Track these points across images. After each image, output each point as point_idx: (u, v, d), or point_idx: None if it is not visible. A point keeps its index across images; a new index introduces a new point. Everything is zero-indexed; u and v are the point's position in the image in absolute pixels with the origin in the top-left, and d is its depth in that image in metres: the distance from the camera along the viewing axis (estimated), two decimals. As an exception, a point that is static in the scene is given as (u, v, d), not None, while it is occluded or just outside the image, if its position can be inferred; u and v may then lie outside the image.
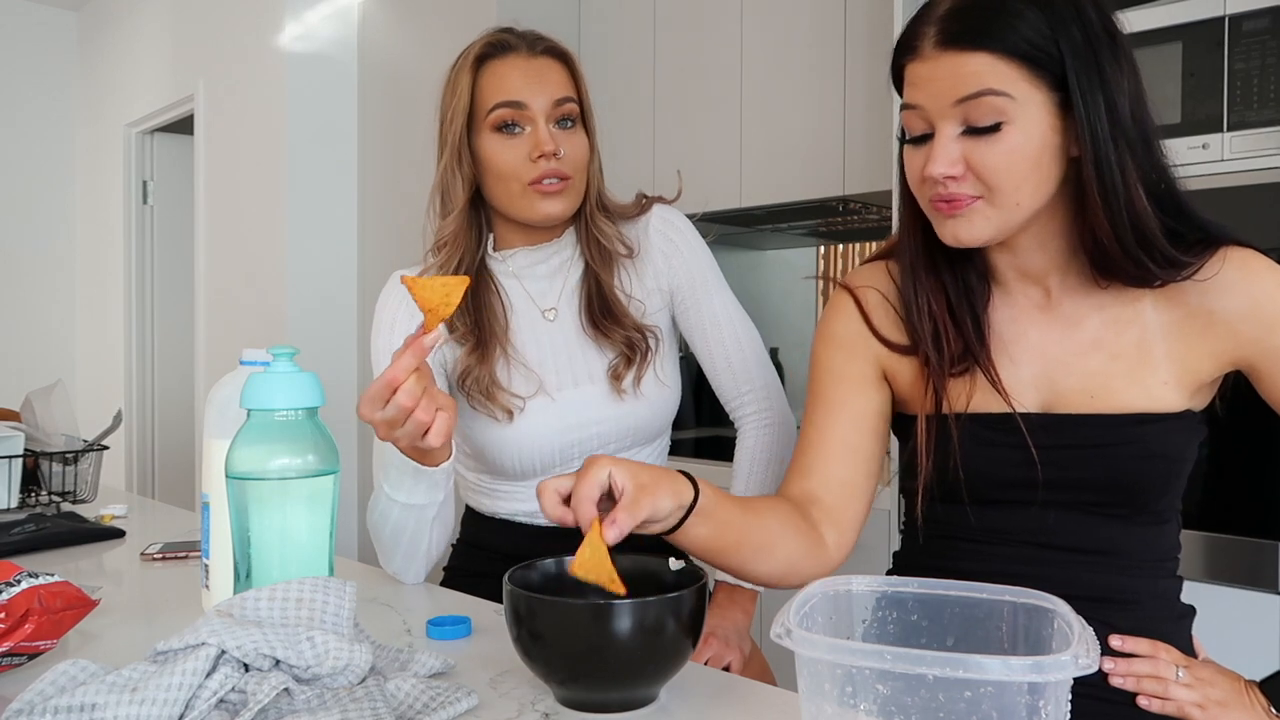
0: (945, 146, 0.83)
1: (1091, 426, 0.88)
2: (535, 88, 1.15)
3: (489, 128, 1.16)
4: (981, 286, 0.94)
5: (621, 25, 2.75)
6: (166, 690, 0.64)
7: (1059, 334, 0.91)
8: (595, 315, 1.22)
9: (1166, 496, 0.90)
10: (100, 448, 1.68)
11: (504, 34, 1.19)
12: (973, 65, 0.81)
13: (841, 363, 0.99)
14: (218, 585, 0.97)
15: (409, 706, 0.71)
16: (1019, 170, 0.82)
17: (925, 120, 0.85)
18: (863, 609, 0.72)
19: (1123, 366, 0.88)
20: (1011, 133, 0.81)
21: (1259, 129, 1.46)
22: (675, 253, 1.27)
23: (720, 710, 0.75)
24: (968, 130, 0.82)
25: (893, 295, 0.98)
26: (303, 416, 0.84)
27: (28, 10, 4.55)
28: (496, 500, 1.25)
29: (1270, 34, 1.46)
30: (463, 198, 1.18)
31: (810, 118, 2.32)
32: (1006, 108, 0.81)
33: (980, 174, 0.83)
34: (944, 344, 0.92)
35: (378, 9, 3.22)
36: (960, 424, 0.91)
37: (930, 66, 0.83)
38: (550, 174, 1.14)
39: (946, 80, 0.82)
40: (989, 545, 0.92)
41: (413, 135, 3.07)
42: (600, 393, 1.21)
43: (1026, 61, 0.80)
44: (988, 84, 0.80)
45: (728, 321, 1.26)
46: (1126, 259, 0.84)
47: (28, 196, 4.55)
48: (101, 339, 4.52)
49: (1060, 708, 0.56)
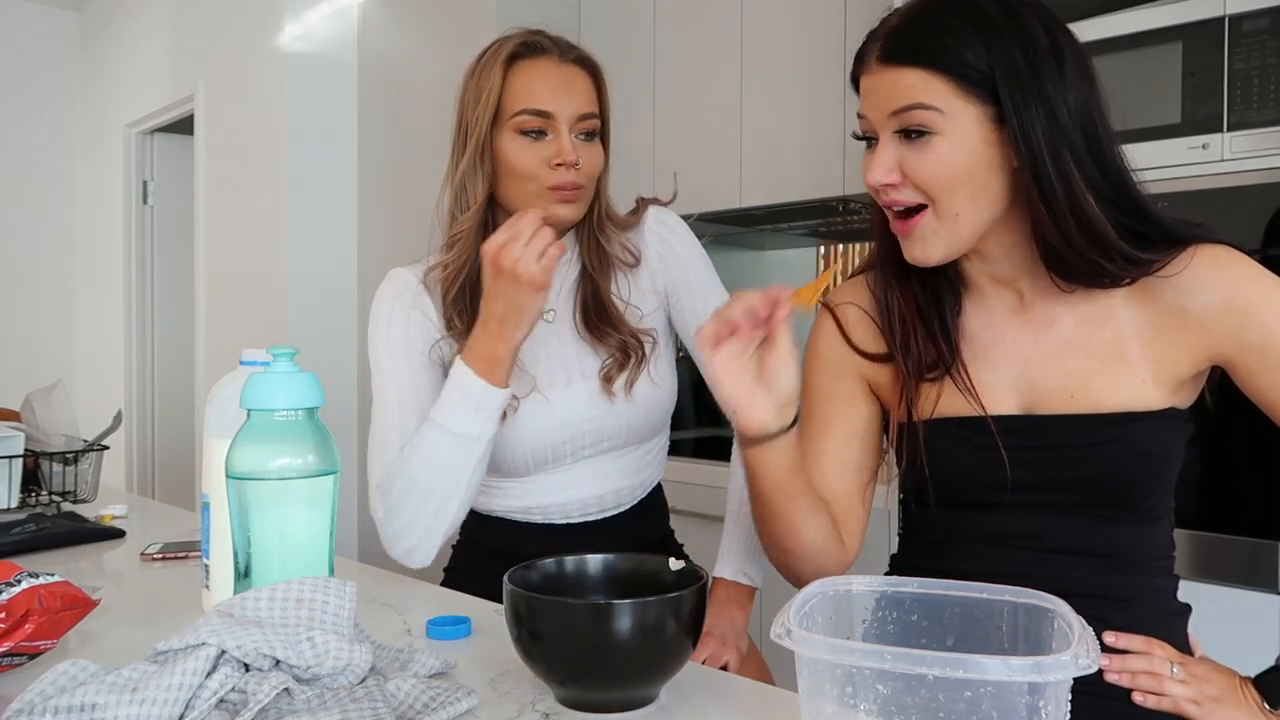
0: (881, 154, 0.89)
1: (1075, 427, 0.89)
2: (563, 97, 1.15)
3: (512, 129, 1.15)
4: (951, 293, 0.97)
5: (621, 25, 2.75)
6: (166, 690, 0.64)
7: (1033, 335, 0.93)
8: (591, 320, 1.22)
9: (1155, 495, 0.90)
10: (100, 448, 1.68)
11: (537, 35, 1.19)
12: (906, 80, 0.86)
13: (830, 381, 1.03)
14: (218, 585, 0.97)
15: (409, 706, 0.71)
16: (951, 179, 0.86)
17: (871, 129, 0.90)
18: (863, 609, 0.72)
19: (1099, 365, 0.89)
20: (939, 143, 0.86)
21: (1259, 129, 1.46)
22: (669, 253, 1.28)
23: (720, 710, 0.75)
24: (902, 139, 0.87)
25: (871, 308, 1.01)
26: (303, 416, 0.84)
27: (28, 10, 4.55)
28: (492, 498, 1.26)
29: (1270, 34, 1.46)
30: (481, 194, 1.17)
31: (810, 118, 2.32)
32: (934, 120, 0.85)
33: (915, 181, 0.87)
34: (915, 349, 0.95)
35: (378, 9, 3.22)
36: (930, 429, 0.93)
37: (874, 80, 0.88)
38: (568, 184, 1.15)
39: (885, 93, 0.87)
40: (981, 546, 0.93)
41: (413, 135, 3.07)
42: (592, 390, 1.22)
43: (957, 78, 0.84)
44: (918, 98, 0.85)
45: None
46: (1080, 260, 0.86)
47: (28, 196, 4.55)
48: (101, 339, 4.52)
49: (1060, 708, 0.56)
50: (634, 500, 1.28)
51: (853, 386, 1.02)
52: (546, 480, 1.23)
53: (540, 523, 1.24)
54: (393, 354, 1.18)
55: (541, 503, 1.24)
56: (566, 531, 1.24)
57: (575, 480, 1.23)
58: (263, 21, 3.35)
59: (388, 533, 1.13)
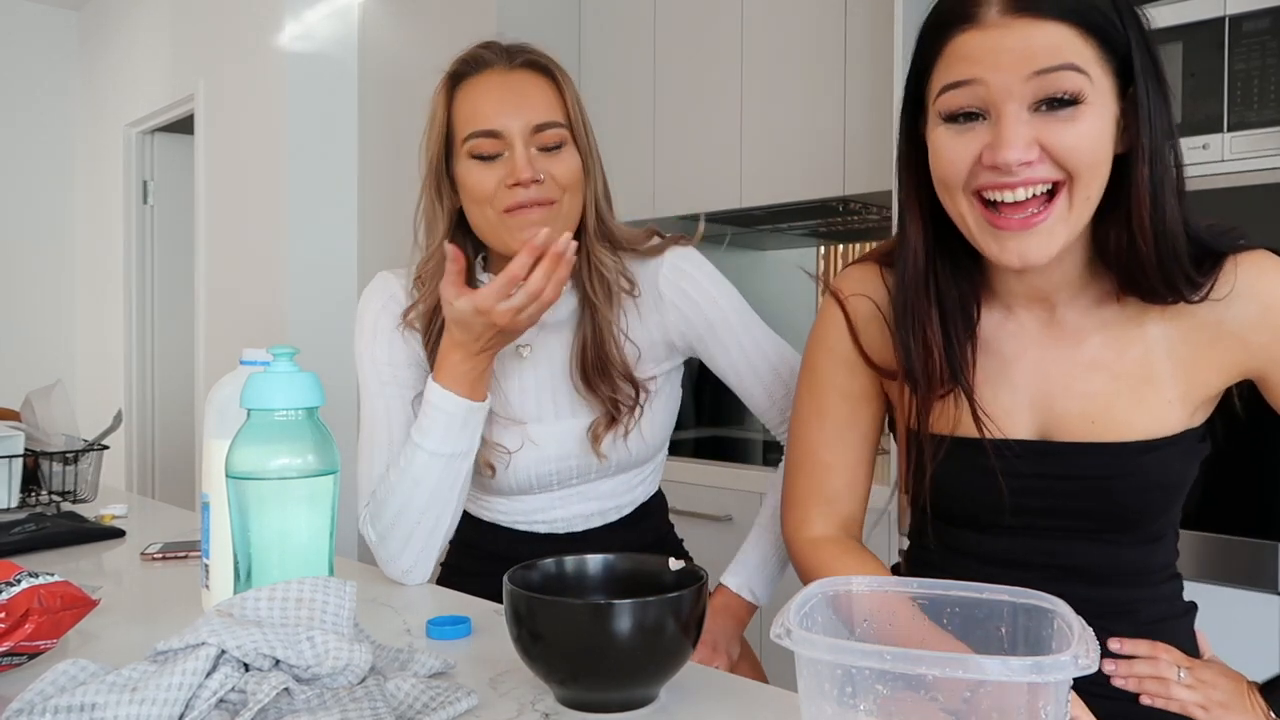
0: (1015, 127, 0.74)
1: (1092, 456, 0.85)
2: (510, 111, 1.06)
3: (466, 154, 1.08)
4: (970, 310, 0.89)
5: (621, 26, 2.75)
6: (166, 690, 0.64)
7: (1059, 354, 0.87)
8: (586, 368, 1.14)
9: (1164, 518, 0.88)
10: (100, 447, 1.68)
11: (481, 49, 1.11)
12: (1050, 36, 0.73)
13: (845, 379, 0.97)
14: (218, 585, 0.97)
15: (409, 706, 0.71)
16: (1094, 157, 0.75)
17: (982, 98, 0.75)
18: (863, 609, 0.72)
19: (1125, 386, 0.85)
20: (1088, 114, 0.74)
21: (1259, 129, 1.46)
22: (692, 307, 1.18)
23: (720, 710, 0.75)
24: (1039, 108, 0.74)
25: (884, 304, 0.93)
26: (302, 416, 0.84)
27: (28, 10, 4.55)
28: (483, 510, 1.26)
29: (1270, 34, 1.46)
30: (443, 229, 1.12)
31: (810, 118, 2.32)
32: (1085, 88, 0.73)
33: (1057, 157, 0.75)
34: (932, 368, 0.87)
35: (378, 9, 3.22)
36: (938, 446, 0.89)
37: (996, 35, 0.74)
38: (527, 202, 1.06)
39: (1017, 51, 0.73)
40: (977, 564, 0.91)
41: (413, 135, 3.05)
42: (582, 428, 1.17)
43: (1101, 40, 0.74)
44: (1067, 58, 0.72)
45: (757, 352, 1.19)
46: (1158, 267, 0.79)
47: (28, 196, 4.55)
48: (101, 339, 4.52)
49: (1060, 708, 0.55)
50: (622, 514, 1.26)
51: (867, 386, 0.97)
52: (537, 500, 1.21)
53: (533, 532, 1.23)
54: (378, 369, 1.15)
55: (534, 517, 1.23)
56: (560, 539, 1.23)
57: (564, 501, 1.22)
58: (263, 21, 3.34)
59: (384, 554, 1.11)
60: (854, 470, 0.98)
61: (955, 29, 0.76)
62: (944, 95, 0.77)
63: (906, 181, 0.87)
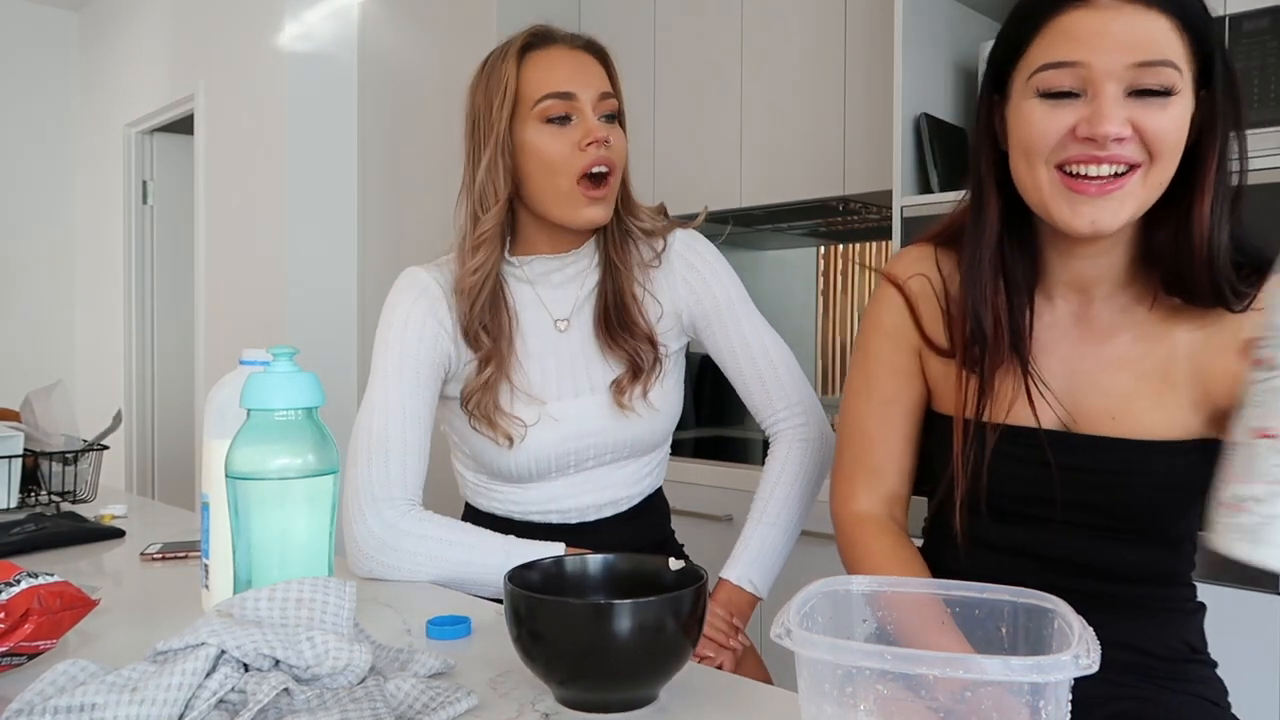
0: (1113, 106, 0.77)
1: (1111, 451, 0.86)
2: (581, 79, 1.15)
3: (537, 118, 1.14)
4: (1028, 289, 0.91)
5: (621, 25, 2.75)
6: (166, 690, 0.64)
7: (1089, 348, 0.89)
8: (610, 322, 1.21)
9: (1182, 522, 0.88)
10: (100, 448, 1.68)
11: (544, 27, 1.20)
12: (1154, 27, 0.76)
13: (892, 354, 0.99)
14: (218, 585, 0.97)
15: (409, 707, 0.71)
16: (1176, 144, 0.79)
17: (1083, 79, 0.78)
18: (862, 609, 0.72)
19: (1147, 386, 0.86)
20: (1176, 105, 0.78)
21: (1259, 129, 1.46)
22: (699, 281, 1.25)
23: (720, 710, 0.75)
24: (1134, 94, 0.78)
25: (938, 285, 0.95)
26: (302, 416, 0.84)
27: (28, 10, 4.55)
28: (493, 500, 1.26)
29: (1270, 34, 1.46)
30: (504, 192, 1.15)
31: (810, 118, 2.32)
32: (1177, 82, 0.77)
33: (1147, 138, 0.78)
34: (999, 334, 0.88)
35: (378, 9, 3.22)
36: (999, 435, 0.89)
37: (1105, 19, 0.77)
38: (600, 161, 1.13)
39: (1122, 37, 0.76)
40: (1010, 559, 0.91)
41: (413, 135, 3.07)
42: (601, 404, 1.21)
43: (1193, 36, 0.77)
44: (1167, 54, 0.76)
45: (758, 343, 1.25)
46: (1207, 266, 0.81)
47: (28, 196, 4.55)
48: (101, 339, 4.52)
49: (1060, 708, 0.55)
50: (632, 504, 1.28)
51: (913, 364, 0.98)
52: (546, 487, 1.23)
53: (538, 522, 1.24)
54: (403, 361, 1.16)
55: (540, 506, 1.24)
56: (564, 531, 1.24)
57: (575, 488, 1.23)
58: (263, 21, 3.34)
59: (365, 566, 1.11)
60: (898, 444, 0.99)
61: (1063, 5, 0.79)
62: (1044, 73, 0.80)
63: (986, 152, 0.89)
